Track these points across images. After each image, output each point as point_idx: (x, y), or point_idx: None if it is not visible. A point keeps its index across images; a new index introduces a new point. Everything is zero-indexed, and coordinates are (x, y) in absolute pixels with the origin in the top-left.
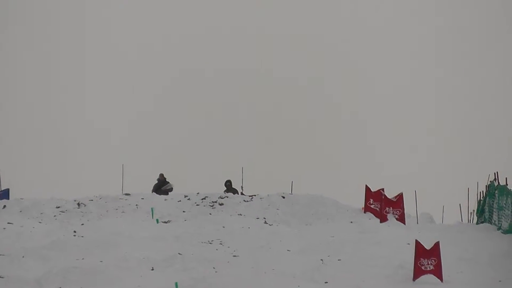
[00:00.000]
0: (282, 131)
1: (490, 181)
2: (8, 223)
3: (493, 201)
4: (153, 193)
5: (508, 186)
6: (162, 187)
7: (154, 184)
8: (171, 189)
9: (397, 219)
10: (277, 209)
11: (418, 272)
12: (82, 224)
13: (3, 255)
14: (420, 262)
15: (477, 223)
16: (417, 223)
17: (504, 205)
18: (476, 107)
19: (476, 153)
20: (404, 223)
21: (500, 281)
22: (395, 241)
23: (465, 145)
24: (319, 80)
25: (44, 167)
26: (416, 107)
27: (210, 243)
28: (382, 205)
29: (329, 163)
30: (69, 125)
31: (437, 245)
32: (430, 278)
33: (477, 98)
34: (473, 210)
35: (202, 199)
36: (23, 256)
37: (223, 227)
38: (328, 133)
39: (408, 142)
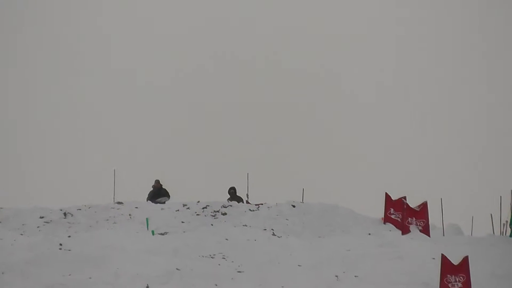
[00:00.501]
0: (292, 133)
1: None
2: None
3: None
4: (148, 201)
5: None
6: (157, 195)
7: (149, 191)
8: (167, 199)
9: (420, 230)
10: (287, 219)
11: None
12: (69, 236)
13: None
14: (447, 279)
15: (510, 236)
16: (443, 235)
17: None
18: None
19: (509, 158)
20: (429, 235)
21: None
22: (418, 256)
23: (497, 149)
24: (333, 79)
25: (27, 172)
26: (442, 105)
27: (211, 257)
28: (404, 215)
29: (345, 168)
30: (54, 126)
31: (465, 260)
32: None
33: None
34: (506, 221)
35: (203, 208)
36: (2, 273)
37: (226, 239)
38: (343, 135)
39: (433, 145)
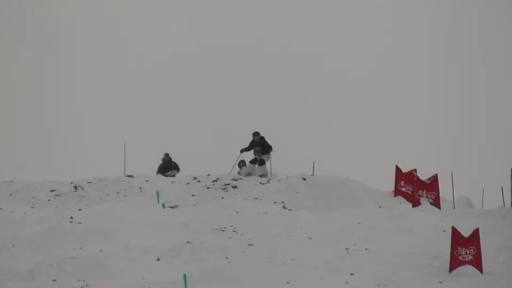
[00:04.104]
0: (302, 105)
1: None
2: None
3: None
4: (159, 174)
5: None
6: (167, 168)
7: (158, 165)
8: (176, 172)
9: (431, 203)
10: (297, 192)
11: (455, 262)
12: (80, 210)
13: None
14: (457, 252)
15: None
16: (454, 207)
17: None
18: None
19: None
20: (439, 208)
21: None
22: (429, 228)
23: (508, 121)
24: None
25: (37, 145)
26: (451, 77)
27: (222, 230)
28: (414, 188)
29: (355, 141)
30: (64, 100)
31: (476, 232)
32: (468, 269)
33: None
34: None
35: (213, 181)
36: (13, 246)
37: (237, 212)
38: (353, 107)
39: (444, 117)
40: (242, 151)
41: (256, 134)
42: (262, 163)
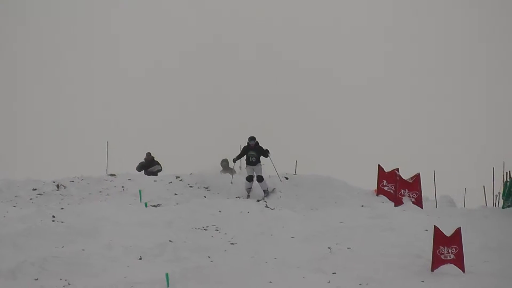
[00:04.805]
0: (285, 104)
1: None
2: None
3: None
4: (142, 173)
5: None
6: (148, 167)
7: (139, 162)
8: (159, 171)
9: (413, 202)
10: (280, 191)
11: (437, 261)
12: (62, 208)
13: None
14: (439, 251)
15: (503, 207)
16: (436, 207)
17: None
18: (504, 80)
19: (502, 129)
20: (422, 207)
21: None
22: (411, 228)
23: (490, 120)
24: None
25: (19, 144)
26: (435, 77)
27: (204, 229)
28: (396, 187)
29: (338, 140)
30: (47, 99)
31: (458, 231)
32: (450, 268)
33: (505, 70)
34: (499, 193)
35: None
36: None
37: (219, 211)
38: (335, 106)
39: (426, 117)
40: (234, 161)
41: (252, 139)
42: (260, 179)
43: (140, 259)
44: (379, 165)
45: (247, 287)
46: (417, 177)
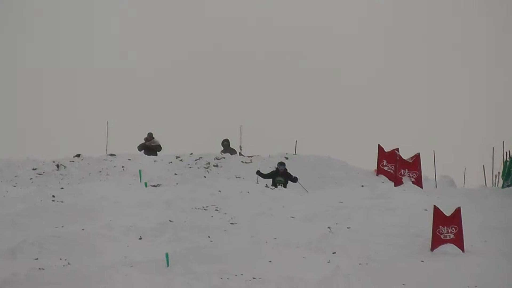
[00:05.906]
0: (285, 84)
1: None
2: None
3: None
4: (142, 153)
5: None
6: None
7: (140, 143)
8: (158, 147)
9: (413, 182)
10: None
11: (436, 241)
12: (62, 188)
13: None
14: (439, 231)
15: (503, 187)
16: (436, 187)
17: None
18: (502, 60)
19: (502, 108)
20: (421, 187)
21: None
22: (411, 207)
23: (490, 99)
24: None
25: (19, 123)
26: (434, 56)
27: (204, 209)
28: (396, 167)
29: (337, 120)
30: (46, 79)
31: (458, 211)
32: (450, 248)
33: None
34: (499, 172)
35: (196, 160)
36: None
37: (219, 191)
38: (335, 86)
39: (426, 96)
40: (258, 173)
41: (281, 164)
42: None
43: (140, 239)
44: (379, 145)
45: (247, 267)
46: (417, 157)
